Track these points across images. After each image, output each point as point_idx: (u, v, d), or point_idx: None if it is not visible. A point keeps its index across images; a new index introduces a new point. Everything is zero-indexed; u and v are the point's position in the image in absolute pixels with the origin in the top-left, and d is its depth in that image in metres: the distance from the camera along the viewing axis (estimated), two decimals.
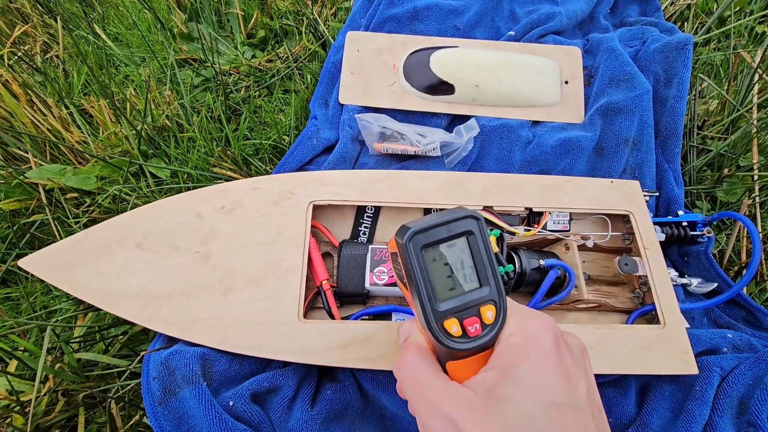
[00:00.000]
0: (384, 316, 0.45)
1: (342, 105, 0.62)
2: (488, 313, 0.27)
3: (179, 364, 0.37)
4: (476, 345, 0.26)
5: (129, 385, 0.45)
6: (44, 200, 0.57)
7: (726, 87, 0.66)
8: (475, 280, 0.27)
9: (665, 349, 0.42)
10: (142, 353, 0.43)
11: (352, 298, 0.46)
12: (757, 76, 0.62)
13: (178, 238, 0.43)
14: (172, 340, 0.41)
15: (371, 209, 0.51)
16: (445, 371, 0.28)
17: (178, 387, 0.36)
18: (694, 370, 0.41)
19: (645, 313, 0.46)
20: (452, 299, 0.27)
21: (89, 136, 0.63)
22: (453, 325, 0.26)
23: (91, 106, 0.65)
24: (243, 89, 0.72)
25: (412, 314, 0.44)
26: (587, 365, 0.27)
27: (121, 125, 0.63)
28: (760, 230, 0.56)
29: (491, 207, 0.48)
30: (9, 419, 0.44)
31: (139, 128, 0.59)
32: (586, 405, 0.25)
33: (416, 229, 0.26)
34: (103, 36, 0.76)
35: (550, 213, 0.49)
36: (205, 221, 0.44)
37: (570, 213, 0.50)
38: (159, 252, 0.43)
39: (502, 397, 0.24)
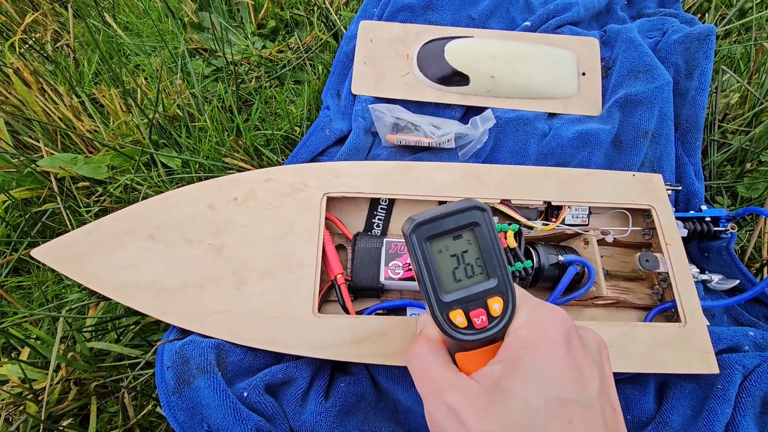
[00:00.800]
0: (399, 310, 0.44)
1: (354, 96, 0.62)
2: (495, 305, 0.26)
3: (194, 353, 0.37)
4: (483, 337, 0.26)
5: (142, 375, 0.45)
6: (56, 189, 0.56)
7: (747, 80, 0.64)
8: (482, 272, 0.27)
9: (686, 347, 0.41)
10: (155, 344, 0.43)
11: (366, 292, 0.45)
12: None
13: (190, 230, 0.43)
14: (185, 332, 0.41)
15: (385, 201, 0.50)
16: (456, 363, 0.27)
17: (192, 376, 0.36)
18: (715, 369, 0.40)
19: (665, 310, 0.45)
20: (458, 291, 0.27)
21: (100, 125, 0.63)
22: (458, 316, 0.26)
23: (102, 95, 0.64)
24: (254, 80, 0.71)
25: None
26: (604, 362, 0.26)
27: (133, 114, 0.63)
28: None
29: (509, 200, 0.47)
30: (22, 407, 0.44)
31: (150, 117, 0.58)
32: (595, 403, 0.23)
33: (420, 220, 0.26)
34: (114, 25, 0.76)
35: (569, 207, 0.48)
36: (218, 212, 0.44)
37: (589, 207, 0.49)
38: (171, 243, 0.42)
39: (507, 391, 0.23)
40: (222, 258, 0.42)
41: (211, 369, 0.36)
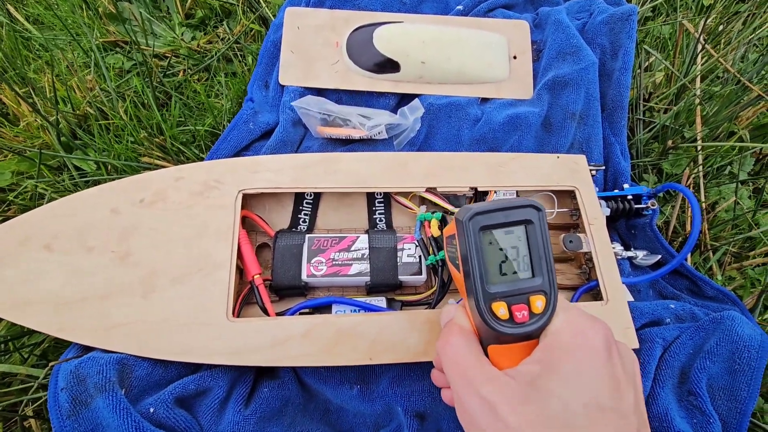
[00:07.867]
0: (324, 308, 0.43)
1: (283, 86, 0.59)
2: (538, 302, 0.27)
3: (91, 372, 0.34)
4: (521, 332, 0.26)
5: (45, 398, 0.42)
6: None
7: (672, 59, 0.66)
8: (529, 270, 0.28)
9: (609, 324, 0.42)
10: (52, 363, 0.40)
11: (289, 292, 0.43)
12: (699, 47, 0.62)
13: (91, 237, 0.40)
14: (88, 349, 0.37)
15: (310, 195, 0.48)
16: (486, 355, 0.28)
17: (90, 396, 0.33)
18: (635, 344, 0.41)
19: (590, 289, 0.46)
20: (503, 283, 0.27)
21: (4, 127, 0.57)
22: (501, 308, 0.27)
23: (5, 96, 0.59)
24: (181, 72, 0.67)
25: (352, 304, 0.42)
26: (637, 378, 0.27)
27: (38, 115, 0.58)
28: (704, 200, 0.57)
29: (434, 188, 0.47)
30: None
31: (52, 118, 0.53)
32: (631, 414, 0.24)
33: (478, 210, 0.27)
34: (20, 17, 0.69)
35: (495, 192, 0.48)
36: (122, 216, 0.41)
37: (516, 191, 0.49)
38: (70, 253, 0.39)
39: (544, 389, 0.24)
40: (127, 265, 0.39)
41: (110, 387, 0.33)
